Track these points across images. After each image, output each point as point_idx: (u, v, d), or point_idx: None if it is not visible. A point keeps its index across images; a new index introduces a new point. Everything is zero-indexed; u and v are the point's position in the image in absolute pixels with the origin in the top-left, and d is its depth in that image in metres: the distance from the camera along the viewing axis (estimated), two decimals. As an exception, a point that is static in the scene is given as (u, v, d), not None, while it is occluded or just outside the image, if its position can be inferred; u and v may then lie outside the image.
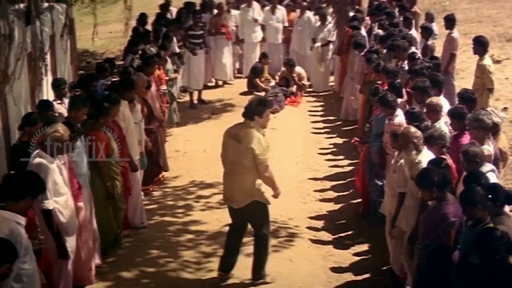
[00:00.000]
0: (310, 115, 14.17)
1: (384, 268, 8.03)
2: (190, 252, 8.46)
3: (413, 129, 7.15)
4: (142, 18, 14.48)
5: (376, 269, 8.11)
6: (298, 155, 11.80)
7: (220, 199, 9.69)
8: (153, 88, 10.40)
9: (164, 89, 11.53)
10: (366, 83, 11.03)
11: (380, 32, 12.60)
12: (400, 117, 8.19)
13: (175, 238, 8.89)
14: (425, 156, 6.89)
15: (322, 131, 13.18)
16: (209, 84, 16.03)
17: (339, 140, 12.60)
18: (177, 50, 13.76)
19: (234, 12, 16.34)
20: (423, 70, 9.17)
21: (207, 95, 15.23)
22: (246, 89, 15.29)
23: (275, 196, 7.48)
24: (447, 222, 5.94)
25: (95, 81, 9.62)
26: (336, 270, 8.12)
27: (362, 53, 12.21)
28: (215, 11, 15.71)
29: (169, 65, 12.46)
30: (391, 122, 8.24)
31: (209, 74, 15.77)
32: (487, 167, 6.47)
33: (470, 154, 6.34)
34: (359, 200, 9.72)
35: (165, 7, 15.86)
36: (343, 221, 9.45)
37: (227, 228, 7.90)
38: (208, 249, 8.51)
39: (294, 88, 14.82)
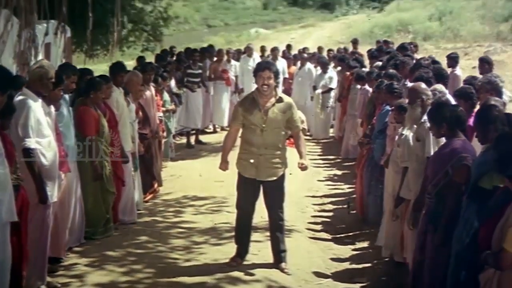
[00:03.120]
0: (309, 153, 13.81)
1: (386, 259, 7.57)
2: (181, 241, 8.06)
3: (423, 85, 6.92)
4: (141, 59, 14.45)
5: (377, 260, 7.68)
6: (296, 180, 11.40)
7: (213, 207, 9.44)
8: (149, 94, 10.14)
9: (160, 116, 11.30)
10: (367, 102, 10.74)
11: (379, 63, 12.46)
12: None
13: (165, 230, 8.50)
14: (430, 116, 6.57)
15: (322, 165, 12.98)
16: (207, 130, 15.91)
17: (339, 172, 12.33)
18: (175, 90, 13.71)
19: (234, 62, 16.46)
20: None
21: (204, 138, 15.04)
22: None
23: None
24: (457, 157, 5.51)
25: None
26: (335, 260, 7.71)
27: (364, 87, 12.09)
28: (215, 58, 15.81)
29: (167, 97, 12.30)
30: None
31: (207, 119, 15.71)
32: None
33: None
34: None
35: (165, 52, 15.97)
36: (343, 226, 9.05)
37: (220, 225, 7.75)
38: (200, 239, 8.11)
39: (294, 132, 14.57)
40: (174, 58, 15.36)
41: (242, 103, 7.21)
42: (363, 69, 13.32)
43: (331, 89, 15.40)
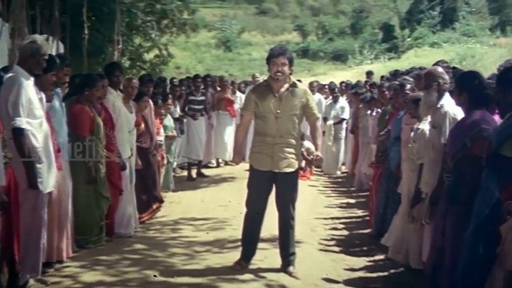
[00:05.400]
0: (317, 185, 14.03)
1: (402, 269, 7.56)
2: (180, 249, 8.11)
3: (440, 68, 7.00)
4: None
5: (393, 269, 7.65)
6: (305, 205, 11.40)
7: (215, 226, 9.47)
8: (148, 110, 10.23)
9: (160, 141, 11.32)
10: (378, 120, 10.80)
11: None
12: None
13: (164, 241, 8.57)
14: (448, 101, 6.59)
15: (333, 194, 12.97)
16: (210, 165, 15.95)
17: (352, 200, 12.33)
18: (177, 115, 13.73)
19: (239, 94, 16.58)
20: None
21: (207, 171, 15.04)
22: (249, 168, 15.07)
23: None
24: (476, 128, 5.55)
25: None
26: (348, 269, 7.68)
27: (373, 111, 12.24)
28: (218, 88, 15.93)
29: (169, 122, 12.32)
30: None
31: (210, 153, 15.71)
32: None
33: None
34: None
35: (162, 79, 15.85)
36: (356, 242, 9.03)
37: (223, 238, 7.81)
38: (202, 249, 8.14)
39: (303, 163, 14.56)
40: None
41: (255, 90, 7.33)
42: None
43: (343, 119, 15.51)
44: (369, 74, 18.63)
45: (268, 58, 7.19)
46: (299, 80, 8.73)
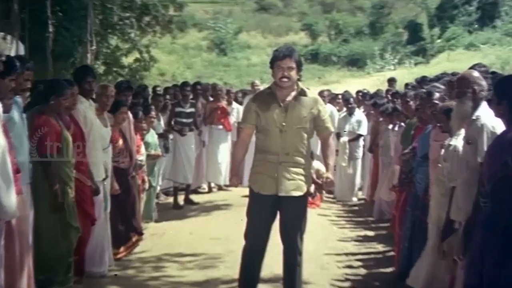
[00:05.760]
0: (329, 214, 14.04)
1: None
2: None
3: (476, 73, 6.98)
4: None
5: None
6: (314, 239, 11.39)
7: (206, 263, 9.49)
8: (126, 124, 10.24)
9: (140, 160, 11.28)
10: (402, 136, 10.80)
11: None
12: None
13: (145, 282, 8.63)
14: (485, 111, 6.54)
15: (348, 225, 12.94)
16: (200, 190, 15.97)
17: (370, 232, 12.33)
18: (161, 130, 13.82)
19: (236, 105, 16.61)
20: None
21: (196, 198, 15.03)
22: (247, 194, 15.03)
23: None
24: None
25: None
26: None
27: (395, 126, 12.29)
28: (211, 98, 15.94)
29: (151, 138, 12.31)
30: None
31: (200, 175, 15.72)
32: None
33: None
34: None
35: (142, 87, 15.81)
36: (376, 283, 9.03)
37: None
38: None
39: (312, 188, 14.50)
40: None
41: (256, 98, 7.39)
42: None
43: (360, 135, 15.49)
44: (391, 81, 18.63)
45: (272, 60, 7.22)
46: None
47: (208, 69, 48.31)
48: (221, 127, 15.76)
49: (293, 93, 7.18)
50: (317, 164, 14.53)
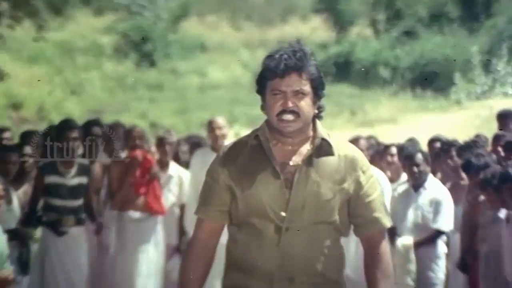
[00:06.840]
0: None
1: None
2: None
3: None
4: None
5: None
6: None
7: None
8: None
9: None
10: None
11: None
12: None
13: None
14: None
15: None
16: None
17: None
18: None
19: (177, 169, 11.40)
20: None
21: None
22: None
23: None
24: None
25: None
26: None
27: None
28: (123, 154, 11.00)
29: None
30: None
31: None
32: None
33: None
34: None
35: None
36: None
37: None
38: None
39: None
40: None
41: (229, 157, 4.22)
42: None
43: (440, 233, 9.97)
44: (505, 118, 12.33)
45: (261, 78, 4.07)
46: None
47: (117, 96, 29.85)
48: (145, 214, 10.25)
49: (306, 147, 4.04)
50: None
